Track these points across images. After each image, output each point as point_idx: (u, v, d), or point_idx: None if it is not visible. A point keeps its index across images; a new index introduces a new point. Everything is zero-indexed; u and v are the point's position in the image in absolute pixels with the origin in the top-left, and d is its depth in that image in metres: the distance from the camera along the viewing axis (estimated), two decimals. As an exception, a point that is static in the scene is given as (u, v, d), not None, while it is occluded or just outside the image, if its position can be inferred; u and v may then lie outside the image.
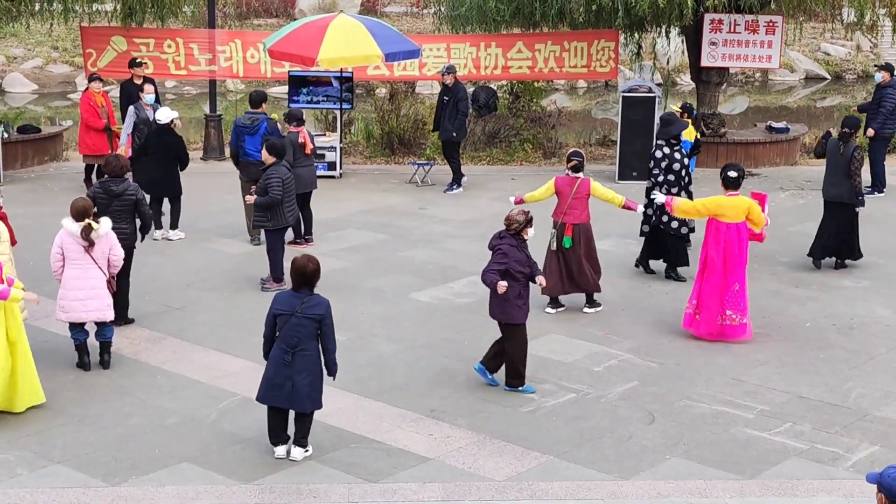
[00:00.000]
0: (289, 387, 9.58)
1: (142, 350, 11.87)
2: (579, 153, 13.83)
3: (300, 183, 15.66)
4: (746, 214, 12.74)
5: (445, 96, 19.40)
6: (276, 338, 9.65)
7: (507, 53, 21.90)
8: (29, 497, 9.08)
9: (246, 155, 15.88)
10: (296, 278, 9.71)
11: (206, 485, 9.41)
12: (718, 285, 12.67)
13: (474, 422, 10.67)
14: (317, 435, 10.06)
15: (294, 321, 9.56)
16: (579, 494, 9.40)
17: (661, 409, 11.02)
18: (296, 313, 9.55)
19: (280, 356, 9.59)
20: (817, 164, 23.06)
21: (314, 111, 22.28)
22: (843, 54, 40.24)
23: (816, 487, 9.58)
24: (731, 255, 12.68)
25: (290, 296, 9.69)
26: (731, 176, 12.88)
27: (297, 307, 9.56)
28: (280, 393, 9.63)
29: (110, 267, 11.53)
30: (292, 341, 9.56)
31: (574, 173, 13.44)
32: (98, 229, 11.26)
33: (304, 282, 9.66)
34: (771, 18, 21.28)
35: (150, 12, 21.22)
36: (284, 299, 9.70)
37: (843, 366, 12.20)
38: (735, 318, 12.74)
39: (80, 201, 11.54)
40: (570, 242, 13.21)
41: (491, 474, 9.69)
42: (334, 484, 9.45)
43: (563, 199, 13.41)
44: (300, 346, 9.58)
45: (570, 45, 21.85)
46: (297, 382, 9.58)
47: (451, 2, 22.92)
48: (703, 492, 9.47)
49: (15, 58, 36.12)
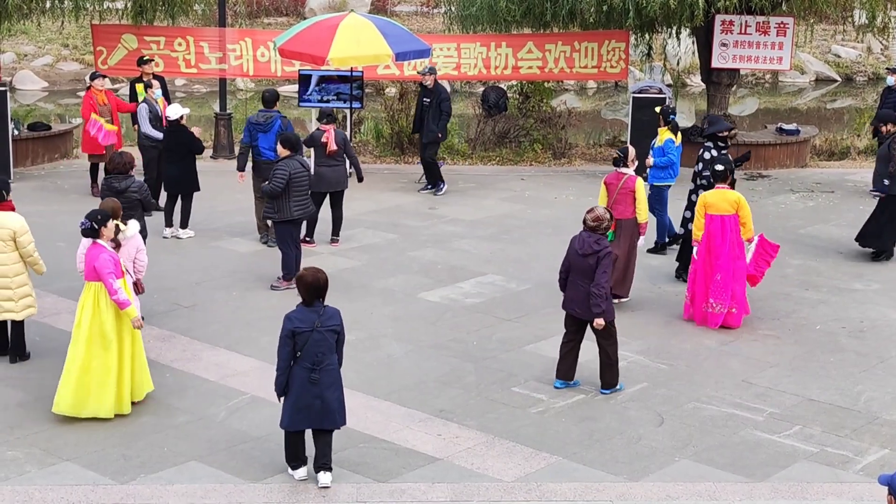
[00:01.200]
0: (318, 405, 9.28)
1: (151, 348, 11.85)
2: (624, 148, 14.15)
3: (323, 182, 15.64)
4: (736, 208, 13.15)
5: (426, 98, 19.26)
6: (297, 357, 9.28)
7: (517, 54, 21.86)
8: (38, 494, 9.10)
9: (259, 154, 15.83)
10: (309, 292, 9.31)
11: (214, 483, 9.42)
12: (703, 274, 13.18)
13: (483, 422, 10.66)
14: (325, 434, 10.11)
15: (316, 336, 9.23)
16: (588, 496, 9.40)
17: (670, 410, 11.01)
18: (316, 328, 9.24)
19: (305, 375, 9.25)
20: (828, 165, 23.13)
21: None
22: (854, 56, 40.15)
23: (826, 490, 9.56)
24: (714, 246, 13.09)
25: (305, 311, 9.31)
26: (717, 169, 13.34)
27: (316, 321, 9.24)
28: (310, 414, 9.32)
29: (136, 271, 11.48)
30: (316, 357, 9.24)
31: (616, 167, 13.83)
32: (125, 231, 11.21)
33: (317, 294, 9.30)
34: (782, 20, 21.23)
35: (160, 10, 21.26)
36: (300, 315, 9.30)
37: (854, 369, 12.18)
38: (716, 306, 13.10)
39: (110, 202, 11.49)
40: (612, 236, 12.97)
41: (500, 475, 9.69)
42: (343, 483, 9.44)
43: (609, 193, 13.70)
44: (325, 362, 9.28)
45: (580, 45, 21.80)
46: (327, 398, 9.30)
47: (462, 1, 22.86)
48: (712, 494, 9.46)
49: (25, 55, 36.19)
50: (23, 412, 10.54)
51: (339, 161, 16.09)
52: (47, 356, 11.66)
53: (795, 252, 16.24)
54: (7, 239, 11.27)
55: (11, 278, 11.34)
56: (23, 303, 11.49)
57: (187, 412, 10.74)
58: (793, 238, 16.84)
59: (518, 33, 22.41)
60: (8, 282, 11.33)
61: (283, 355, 9.27)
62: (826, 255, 16.35)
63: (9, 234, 11.28)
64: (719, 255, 13.06)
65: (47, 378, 11.07)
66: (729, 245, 13.09)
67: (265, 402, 10.52)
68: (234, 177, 16.53)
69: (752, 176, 21.17)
